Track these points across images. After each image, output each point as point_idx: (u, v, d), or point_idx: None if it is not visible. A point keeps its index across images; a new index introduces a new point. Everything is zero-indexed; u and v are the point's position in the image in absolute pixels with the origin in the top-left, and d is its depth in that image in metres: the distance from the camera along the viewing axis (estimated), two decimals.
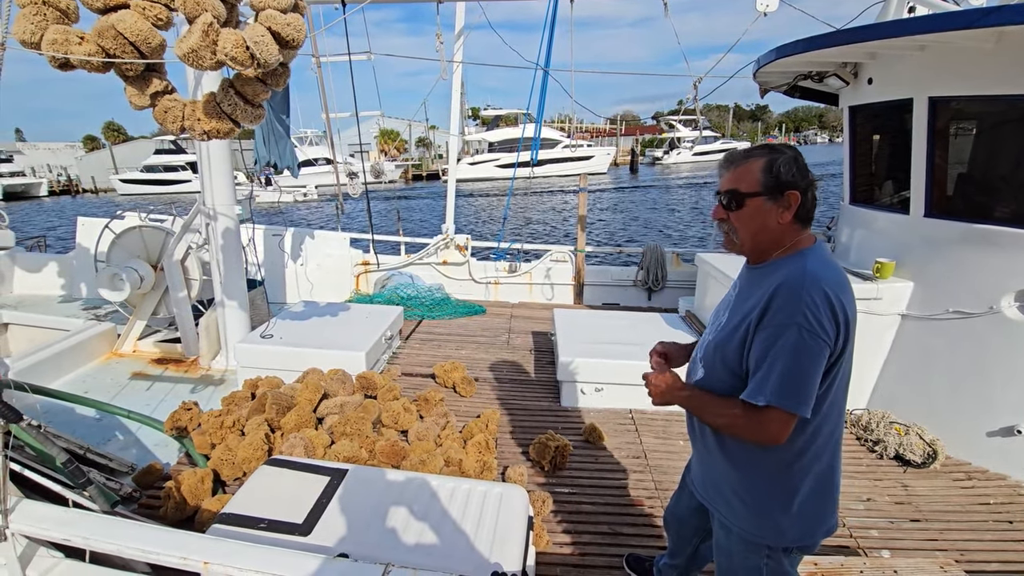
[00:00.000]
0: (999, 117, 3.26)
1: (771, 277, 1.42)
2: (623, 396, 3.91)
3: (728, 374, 1.49)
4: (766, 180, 1.40)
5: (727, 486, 1.59)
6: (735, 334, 1.45)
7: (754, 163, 1.42)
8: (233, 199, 4.37)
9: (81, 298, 6.49)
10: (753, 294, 1.45)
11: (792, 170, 1.39)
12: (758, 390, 1.35)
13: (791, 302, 1.32)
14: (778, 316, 1.33)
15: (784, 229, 1.43)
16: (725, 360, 1.49)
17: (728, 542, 1.65)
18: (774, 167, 1.39)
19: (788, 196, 1.39)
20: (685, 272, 6.60)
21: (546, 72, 6.07)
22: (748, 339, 1.41)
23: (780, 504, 1.49)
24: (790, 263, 1.41)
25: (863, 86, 3.95)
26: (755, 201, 1.41)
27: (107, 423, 3.57)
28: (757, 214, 1.42)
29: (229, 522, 1.94)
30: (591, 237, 16.46)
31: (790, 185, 1.39)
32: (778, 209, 1.41)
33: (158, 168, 37.38)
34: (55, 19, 1.92)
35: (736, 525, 1.59)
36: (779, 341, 1.32)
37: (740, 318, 1.46)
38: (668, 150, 52.07)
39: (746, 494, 1.55)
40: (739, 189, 1.43)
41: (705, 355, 1.59)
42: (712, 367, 1.55)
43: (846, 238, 4.47)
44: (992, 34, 2.85)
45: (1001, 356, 3.15)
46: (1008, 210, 3.25)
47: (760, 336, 1.36)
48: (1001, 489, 3.04)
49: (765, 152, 1.43)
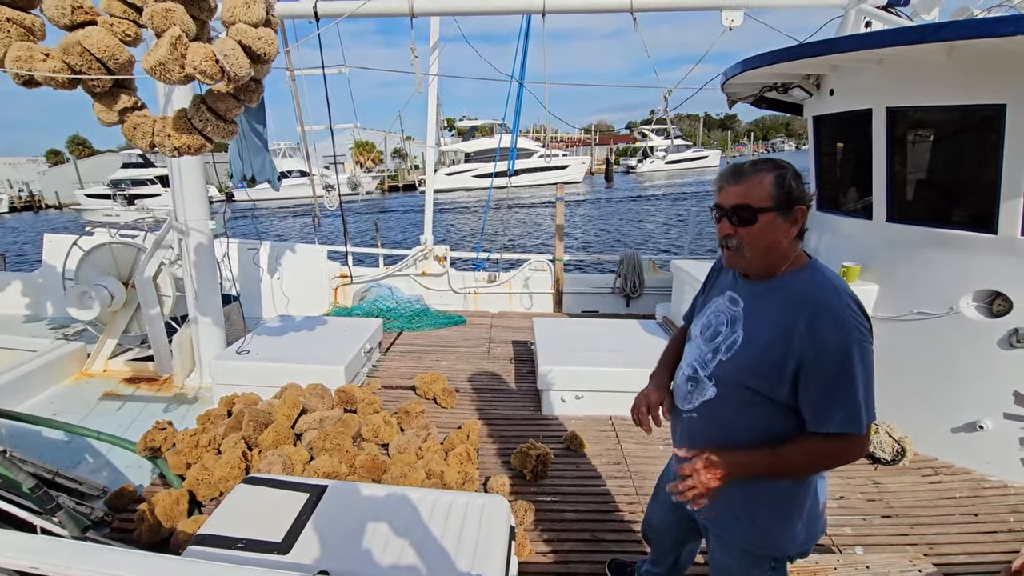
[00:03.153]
0: (954, 126, 3.41)
1: (786, 293, 1.39)
2: (603, 403, 3.94)
3: (753, 395, 1.41)
4: (778, 195, 1.34)
5: (738, 504, 1.52)
6: (765, 357, 1.38)
7: (765, 177, 1.36)
8: (207, 213, 4.31)
9: (47, 317, 6.30)
10: (771, 312, 1.41)
11: (799, 185, 1.36)
12: (854, 419, 1.30)
13: (841, 321, 1.29)
14: (833, 338, 1.28)
15: (791, 244, 1.41)
16: (752, 384, 1.41)
17: (728, 558, 1.61)
18: (785, 182, 1.35)
19: (796, 211, 1.36)
20: (662, 279, 6.71)
21: (521, 84, 6.15)
22: (790, 367, 1.33)
23: (796, 515, 1.48)
24: (804, 277, 1.40)
25: (825, 97, 4.09)
26: (767, 216, 1.35)
27: (76, 445, 3.47)
28: (769, 230, 1.37)
29: (206, 543, 1.90)
30: (569, 246, 16.59)
31: (799, 200, 1.36)
32: (787, 225, 1.37)
33: (125, 182, 36.49)
34: (19, 36, 1.89)
35: (742, 539, 1.55)
36: (854, 366, 1.28)
37: (765, 341, 1.39)
38: (642, 159, 52.93)
39: (760, 510, 1.50)
40: (751, 204, 1.36)
41: (719, 375, 1.48)
42: (732, 388, 1.45)
43: (814, 243, 4.60)
44: (944, 48, 2.99)
45: (962, 355, 3.28)
46: (965, 214, 3.39)
47: (823, 365, 1.30)
48: (966, 483, 3.15)
49: (772, 166, 1.38)
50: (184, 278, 4.39)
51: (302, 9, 4.36)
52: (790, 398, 1.37)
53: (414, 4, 4.44)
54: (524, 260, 7.11)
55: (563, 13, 4.60)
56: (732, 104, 5.10)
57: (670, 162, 50.55)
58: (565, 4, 4.51)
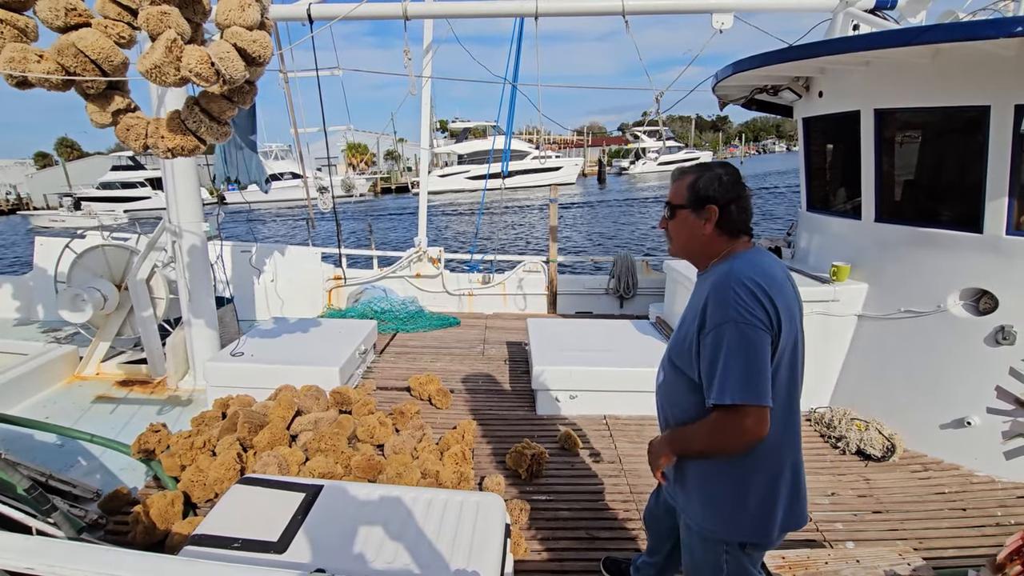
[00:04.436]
0: (940, 127, 3.47)
1: (707, 283, 1.56)
2: (597, 403, 3.97)
3: (683, 377, 1.60)
4: (689, 195, 1.58)
5: (690, 481, 1.66)
6: (684, 340, 1.58)
7: (685, 179, 1.60)
8: (200, 215, 4.30)
9: (39, 320, 6.25)
10: (696, 300, 1.59)
11: (713, 186, 1.54)
12: (722, 391, 1.40)
13: (722, 302, 1.43)
14: (714, 317, 1.44)
15: (709, 239, 1.58)
16: (678, 365, 1.61)
17: (690, 539, 1.73)
18: (697, 183, 1.57)
19: (708, 209, 1.55)
20: (655, 279, 6.74)
21: (514, 86, 6.18)
22: (694, 345, 1.51)
23: (732, 499, 1.56)
24: (720, 268, 1.55)
25: (815, 99, 4.15)
26: (682, 213, 1.61)
27: (70, 448, 3.45)
28: (684, 224, 1.61)
29: (202, 543, 1.90)
30: (563, 247, 16.63)
31: (709, 200, 1.55)
32: (700, 221, 1.57)
33: (115, 185, 36.15)
34: (13, 37, 1.89)
35: (695, 521, 1.66)
36: (723, 341, 1.41)
37: (687, 324, 1.59)
38: (634, 160, 53.09)
39: (701, 488, 1.62)
40: (672, 202, 1.63)
41: (664, 361, 1.73)
42: (666, 369, 1.70)
43: (805, 243, 4.65)
44: (929, 50, 3.05)
45: (950, 352, 3.33)
46: (951, 214, 3.45)
47: (705, 341, 1.47)
48: (955, 478, 3.20)
49: (696, 170, 1.60)
50: (178, 280, 4.38)
51: (296, 11, 4.37)
52: (697, 376, 1.54)
53: (407, 7, 4.46)
54: (518, 262, 7.13)
55: (555, 16, 4.63)
56: (723, 106, 5.15)
57: (662, 163, 50.67)
58: (557, 7, 4.54)
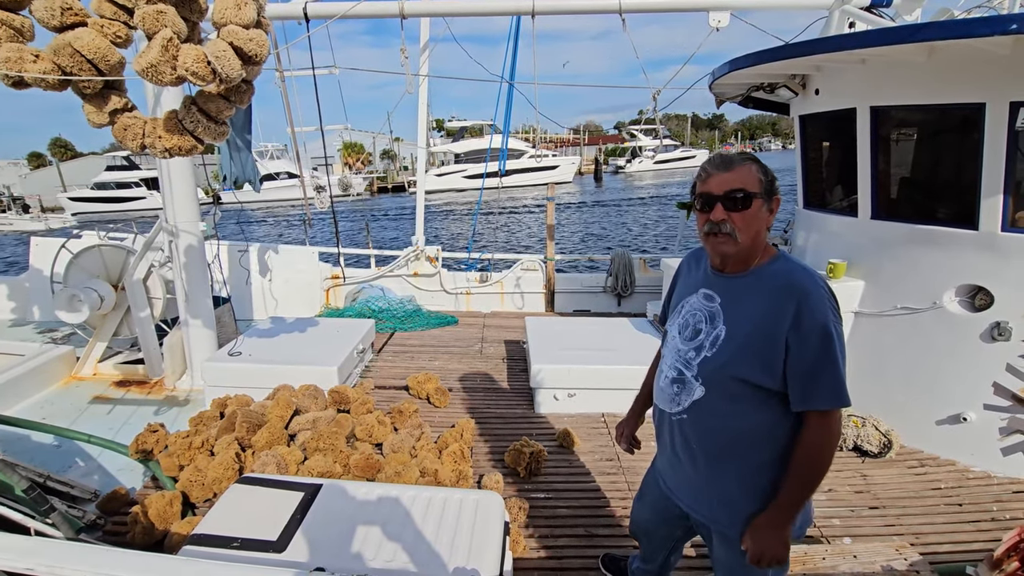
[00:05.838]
0: (935, 124, 3.48)
1: (768, 282, 1.45)
2: (595, 401, 3.98)
3: (743, 386, 1.45)
4: (765, 182, 1.44)
5: (740, 498, 1.54)
6: (749, 346, 1.43)
7: (752, 165, 1.44)
8: (197, 215, 4.29)
9: (35, 321, 6.23)
10: (755, 302, 1.45)
11: (772, 175, 1.47)
12: (837, 394, 1.38)
13: (820, 302, 1.37)
14: (816, 318, 1.36)
15: (766, 234, 1.49)
16: (741, 374, 1.44)
17: (731, 554, 1.59)
18: (766, 170, 1.45)
19: (775, 200, 1.47)
20: (652, 277, 6.76)
21: (511, 85, 6.18)
22: (779, 351, 1.39)
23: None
24: (781, 267, 1.47)
25: (811, 96, 4.15)
26: (758, 202, 1.43)
27: (67, 449, 3.44)
28: (758, 215, 1.44)
29: (201, 543, 1.90)
30: (560, 246, 16.63)
31: (776, 191, 1.47)
32: (768, 213, 1.46)
33: (110, 185, 35.93)
34: (8, 37, 1.89)
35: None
36: (828, 342, 1.36)
37: (750, 330, 1.44)
38: (631, 159, 53.15)
39: (753, 503, 1.52)
40: (746, 188, 1.41)
41: (706, 373, 1.51)
42: (719, 384, 1.49)
43: (801, 240, 4.67)
44: (924, 48, 3.06)
45: (946, 348, 3.35)
46: (947, 211, 3.47)
47: (807, 344, 1.37)
48: (951, 474, 3.22)
49: (752, 157, 1.47)
50: (174, 280, 4.37)
51: (292, 10, 4.36)
52: (779, 383, 1.42)
53: (404, 5, 4.45)
54: (516, 260, 7.14)
55: (552, 14, 4.63)
56: (720, 104, 5.16)
57: (658, 162, 50.81)
58: (554, 5, 4.54)
